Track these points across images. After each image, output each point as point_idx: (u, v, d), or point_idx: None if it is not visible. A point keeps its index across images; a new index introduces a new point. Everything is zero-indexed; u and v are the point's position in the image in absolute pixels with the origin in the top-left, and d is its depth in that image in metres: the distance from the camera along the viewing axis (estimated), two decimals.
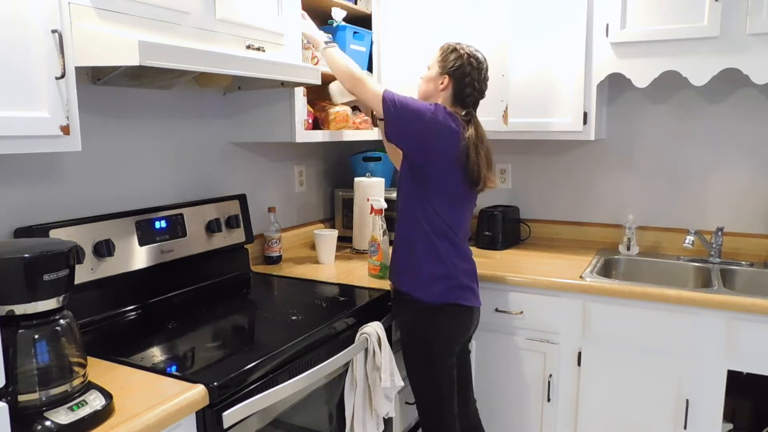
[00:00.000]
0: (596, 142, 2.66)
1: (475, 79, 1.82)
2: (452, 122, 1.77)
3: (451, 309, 1.83)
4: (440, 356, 1.84)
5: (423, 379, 1.87)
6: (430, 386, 1.86)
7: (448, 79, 1.83)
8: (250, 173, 2.43)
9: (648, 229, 2.63)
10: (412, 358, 1.88)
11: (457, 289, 1.83)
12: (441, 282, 1.82)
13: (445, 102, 1.85)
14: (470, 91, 1.83)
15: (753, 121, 2.42)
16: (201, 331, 1.64)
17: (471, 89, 1.83)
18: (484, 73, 1.85)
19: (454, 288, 1.83)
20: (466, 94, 1.83)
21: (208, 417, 1.27)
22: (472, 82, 1.82)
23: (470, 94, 1.83)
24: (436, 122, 1.75)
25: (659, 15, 2.18)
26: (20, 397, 1.07)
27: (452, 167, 1.78)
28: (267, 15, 1.93)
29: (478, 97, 1.86)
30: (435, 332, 1.83)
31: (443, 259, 1.82)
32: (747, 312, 1.89)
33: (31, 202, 1.62)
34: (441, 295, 1.82)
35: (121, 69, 1.56)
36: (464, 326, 1.89)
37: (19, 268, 1.06)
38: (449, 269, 1.82)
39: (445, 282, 1.82)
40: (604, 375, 2.13)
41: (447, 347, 1.85)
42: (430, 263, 1.82)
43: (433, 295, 1.81)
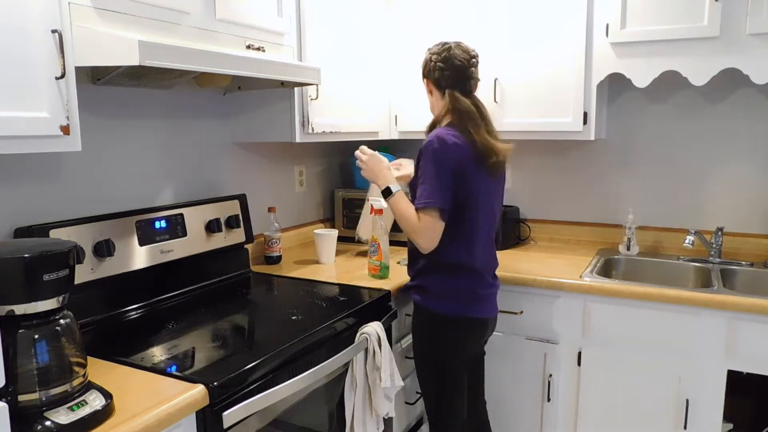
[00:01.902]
0: (596, 142, 2.66)
1: (438, 62, 1.81)
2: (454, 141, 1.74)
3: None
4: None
5: (431, 385, 1.91)
6: (438, 391, 1.90)
7: (427, 81, 1.88)
8: (250, 173, 2.43)
9: (648, 229, 2.63)
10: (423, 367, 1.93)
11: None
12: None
13: (438, 100, 1.86)
14: (447, 74, 1.80)
15: (753, 121, 2.42)
16: (201, 331, 1.64)
17: (446, 72, 1.80)
18: (447, 53, 1.81)
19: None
20: (445, 78, 1.81)
21: (208, 417, 1.27)
22: (439, 67, 1.81)
23: (448, 76, 1.81)
24: (453, 160, 1.72)
25: (659, 15, 2.18)
26: (20, 397, 1.07)
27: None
28: (267, 15, 1.93)
29: (457, 74, 1.81)
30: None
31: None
32: (747, 312, 1.89)
33: (31, 202, 1.62)
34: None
35: (121, 69, 1.56)
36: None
37: (19, 268, 1.06)
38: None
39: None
40: (604, 375, 2.13)
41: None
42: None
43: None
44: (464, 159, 1.73)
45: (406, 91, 2.70)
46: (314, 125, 2.19)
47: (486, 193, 1.82)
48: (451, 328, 1.83)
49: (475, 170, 1.75)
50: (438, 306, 1.82)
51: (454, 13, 2.53)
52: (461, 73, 1.81)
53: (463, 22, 2.52)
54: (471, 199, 1.76)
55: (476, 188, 1.77)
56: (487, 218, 1.85)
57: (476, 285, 1.83)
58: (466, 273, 1.81)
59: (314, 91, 2.17)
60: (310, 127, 2.17)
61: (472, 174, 1.75)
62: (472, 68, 1.82)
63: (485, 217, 1.83)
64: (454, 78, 1.81)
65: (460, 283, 1.81)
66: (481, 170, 1.77)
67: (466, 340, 1.87)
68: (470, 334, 1.86)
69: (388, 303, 1.99)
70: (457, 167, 1.72)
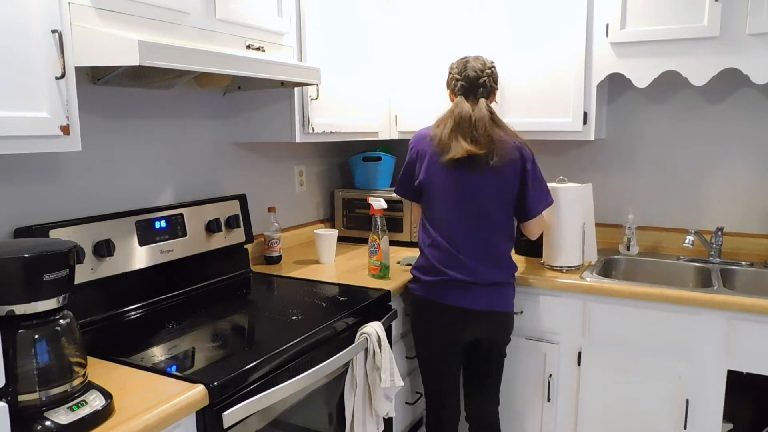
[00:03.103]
0: (596, 142, 2.66)
1: (455, 74, 1.98)
2: (415, 148, 2.03)
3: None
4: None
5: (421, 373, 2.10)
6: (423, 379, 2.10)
7: (449, 93, 2.03)
8: (250, 173, 2.43)
9: (648, 229, 2.63)
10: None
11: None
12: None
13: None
14: (459, 84, 1.97)
15: (753, 121, 2.42)
16: (201, 331, 1.64)
17: (455, 82, 1.98)
18: (464, 64, 1.98)
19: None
20: (453, 86, 2.00)
21: (208, 417, 1.27)
22: (455, 78, 1.98)
23: (457, 85, 1.98)
24: (409, 162, 2.05)
25: (659, 15, 2.18)
26: (20, 397, 1.07)
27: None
28: (267, 15, 1.93)
29: (468, 84, 1.96)
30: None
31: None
32: (747, 312, 1.89)
33: (31, 202, 1.62)
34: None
35: (121, 69, 1.56)
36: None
37: (19, 268, 1.06)
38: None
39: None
40: (604, 375, 2.13)
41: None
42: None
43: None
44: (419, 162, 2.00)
45: (406, 91, 2.70)
46: (314, 125, 2.19)
47: (443, 183, 1.93)
48: (417, 310, 2.02)
49: (432, 161, 1.95)
50: (412, 287, 2.02)
51: (455, 13, 2.53)
52: (473, 82, 1.95)
53: (463, 22, 2.52)
54: (426, 187, 1.98)
55: (430, 177, 1.96)
56: (451, 208, 1.93)
57: (443, 271, 1.92)
58: (432, 256, 1.94)
59: (314, 91, 2.17)
60: (310, 127, 2.17)
61: (429, 164, 1.96)
62: (485, 78, 1.95)
63: (447, 206, 1.94)
64: (466, 88, 1.96)
65: (429, 268, 1.95)
66: (439, 162, 1.93)
67: (429, 325, 1.97)
68: (433, 320, 1.96)
69: (388, 303, 1.99)
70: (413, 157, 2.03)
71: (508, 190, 1.93)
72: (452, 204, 1.93)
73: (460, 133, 1.89)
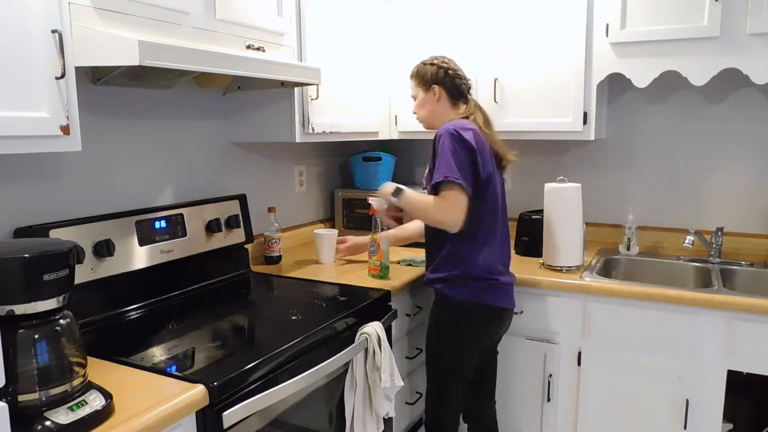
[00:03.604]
0: (596, 142, 2.66)
1: (456, 70, 1.95)
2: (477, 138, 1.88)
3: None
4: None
5: (437, 375, 1.99)
6: (442, 381, 1.99)
7: (438, 87, 1.94)
8: (250, 173, 2.43)
9: (648, 229, 2.63)
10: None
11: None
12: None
13: (445, 107, 1.96)
14: (459, 82, 1.95)
15: (753, 121, 2.42)
16: (201, 331, 1.64)
17: (459, 80, 1.95)
18: (453, 64, 1.97)
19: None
20: (458, 86, 1.95)
21: (208, 417, 1.27)
22: (456, 75, 1.94)
23: (460, 84, 1.95)
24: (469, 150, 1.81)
25: (659, 15, 2.18)
26: (20, 397, 1.07)
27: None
28: (267, 15, 1.93)
29: (468, 83, 1.98)
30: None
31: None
32: (747, 312, 1.89)
33: (31, 202, 1.62)
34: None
35: (121, 69, 1.56)
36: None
37: (19, 268, 1.06)
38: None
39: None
40: (604, 375, 2.13)
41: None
42: None
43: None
44: (483, 148, 1.86)
45: (407, 91, 2.69)
46: (314, 125, 2.19)
47: (497, 185, 1.93)
48: (468, 315, 1.89)
49: (489, 161, 1.87)
50: (456, 293, 1.88)
51: (454, 13, 2.53)
52: (468, 81, 1.98)
53: (463, 23, 2.52)
54: (483, 187, 1.85)
55: (488, 178, 1.87)
56: (499, 210, 1.94)
57: (492, 274, 1.89)
58: (480, 261, 1.88)
59: (314, 91, 2.17)
60: (310, 127, 2.17)
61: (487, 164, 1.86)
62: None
63: (498, 208, 1.93)
64: (468, 85, 1.97)
65: (476, 270, 1.87)
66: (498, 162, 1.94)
67: (480, 329, 1.92)
68: (485, 324, 1.93)
69: (388, 303, 1.99)
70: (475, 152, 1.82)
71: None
72: (500, 206, 1.96)
73: (490, 134, 1.93)
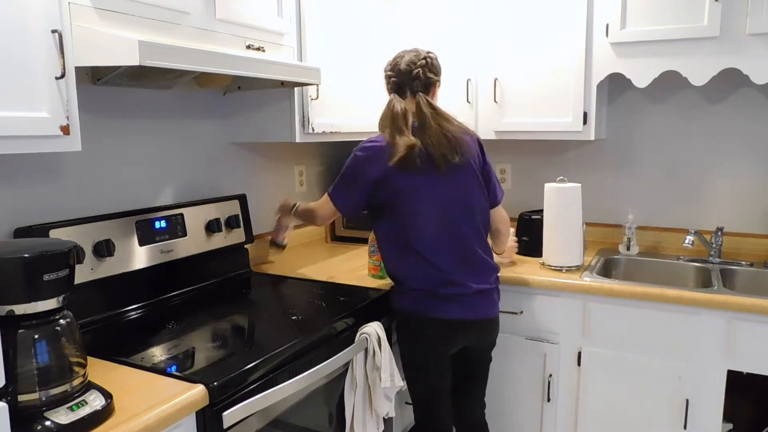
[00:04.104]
0: (596, 142, 2.66)
1: (387, 71, 1.88)
2: (370, 151, 1.87)
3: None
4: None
5: (410, 385, 1.91)
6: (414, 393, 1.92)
7: (389, 94, 1.89)
8: (250, 173, 2.43)
9: (648, 229, 2.63)
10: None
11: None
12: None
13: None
14: (394, 80, 1.86)
15: (753, 121, 2.42)
16: (201, 331, 1.64)
17: (392, 78, 1.86)
18: (396, 59, 1.87)
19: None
20: (391, 84, 1.87)
21: (208, 417, 1.27)
22: (387, 76, 1.88)
23: (393, 82, 1.86)
24: (357, 166, 1.91)
25: (659, 15, 2.18)
26: (20, 397, 1.07)
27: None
28: (267, 15, 1.93)
29: (399, 78, 1.84)
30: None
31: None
32: (747, 312, 1.89)
33: (31, 202, 1.62)
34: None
35: (121, 69, 1.56)
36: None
37: (19, 268, 1.06)
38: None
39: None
40: (604, 375, 2.13)
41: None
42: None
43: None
44: (381, 162, 1.79)
45: None
46: (314, 125, 2.19)
47: (419, 189, 1.78)
48: (408, 326, 1.84)
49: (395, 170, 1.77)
50: (398, 302, 1.85)
51: (454, 14, 2.53)
52: (405, 76, 1.83)
53: (463, 23, 2.52)
54: (398, 198, 1.78)
55: (402, 187, 1.78)
56: (437, 215, 1.79)
57: (436, 284, 1.77)
58: (423, 270, 1.78)
59: (314, 91, 2.17)
60: (310, 127, 2.17)
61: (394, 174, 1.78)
62: (418, 69, 1.82)
63: (430, 214, 1.78)
64: (398, 83, 1.85)
65: (416, 281, 1.79)
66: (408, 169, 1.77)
67: (422, 340, 1.82)
68: (426, 335, 1.81)
69: (388, 303, 1.99)
70: (372, 174, 1.83)
71: (479, 184, 1.86)
72: (435, 216, 1.80)
73: (397, 130, 1.77)
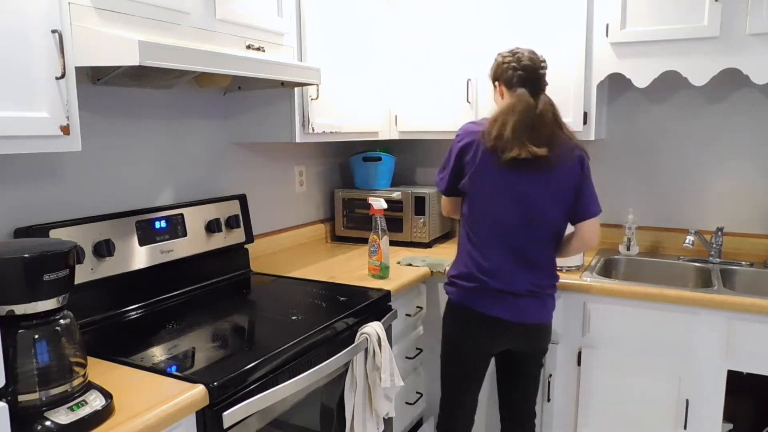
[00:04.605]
0: (596, 142, 2.66)
1: (510, 62, 1.83)
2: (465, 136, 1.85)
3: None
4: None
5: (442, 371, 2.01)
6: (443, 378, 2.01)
7: (498, 83, 1.88)
8: (250, 173, 2.43)
9: (648, 229, 2.63)
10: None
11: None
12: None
13: (501, 103, 1.87)
14: (512, 74, 1.82)
15: (753, 121, 2.42)
16: (201, 331, 1.64)
17: (512, 71, 1.82)
18: (518, 53, 1.84)
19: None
20: (509, 77, 1.83)
21: (208, 417, 1.27)
22: (509, 67, 1.83)
23: (512, 75, 1.82)
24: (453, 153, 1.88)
25: (659, 15, 2.18)
26: (20, 397, 1.07)
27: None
28: (267, 15, 1.93)
29: (526, 74, 1.81)
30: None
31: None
32: (747, 312, 1.89)
33: (31, 202, 1.62)
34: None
35: (122, 69, 1.56)
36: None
37: (19, 268, 1.06)
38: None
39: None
40: (604, 375, 2.13)
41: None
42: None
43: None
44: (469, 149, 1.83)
45: (406, 91, 2.70)
46: (314, 125, 2.19)
47: (494, 183, 1.80)
48: (453, 316, 1.92)
49: (484, 159, 1.80)
50: (449, 291, 1.93)
51: (454, 13, 2.53)
52: (527, 71, 1.81)
53: (463, 23, 2.52)
54: (473, 190, 1.84)
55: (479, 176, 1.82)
56: (499, 217, 1.81)
57: (486, 280, 1.81)
58: (475, 265, 1.85)
59: (314, 91, 2.17)
60: (310, 127, 2.17)
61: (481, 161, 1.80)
62: (543, 70, 1.84)
63: (494, 214, 1.81)
64: (524, 76, 1.81)
65: (470, 275, 1.85)
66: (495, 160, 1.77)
67: (463, 332, 1.89)
68: (468, 328, 1.87)
69: (388, 303, 1.99)
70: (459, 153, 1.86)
71: (563, 193, 1.81)
72: (502, 205, 1.81)
73: (524, 130, 1.73)
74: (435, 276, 2.32)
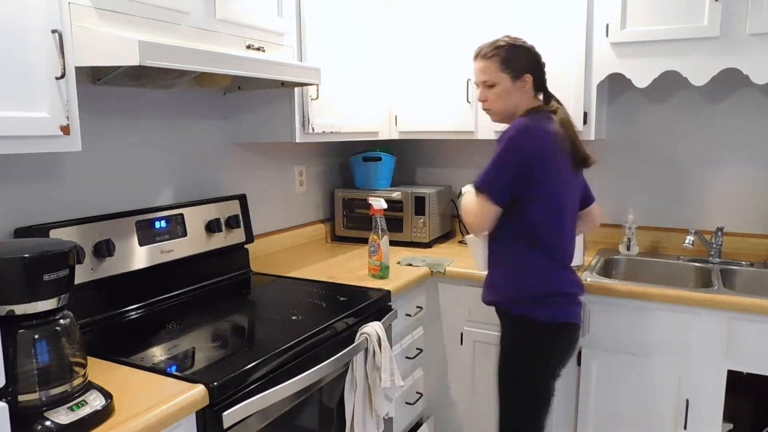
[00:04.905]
0: (596, 142, 2.66)
1: (540, 59, 1.80)
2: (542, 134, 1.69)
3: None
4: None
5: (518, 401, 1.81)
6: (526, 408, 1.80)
7: (530, 76, 1.75)
8: (250, 173, 2.43)
9: (648, 229, 2.63)
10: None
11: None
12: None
13: (525, 100, 1.77)
14: (543, 74, 1.81)
15: (753, 121, 2.42)
16: (201, 331, 1.64)
17: (544, 72, 1.81)
18: (535, 52, 1.80)
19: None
20: (542, 78, 1.81)
21: (208, 417, 1.27)
22: (543, 65, 1.80)
23: (543, 76, 1.81)
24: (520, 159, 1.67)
25: (659, 15, 2.18)
26: (20, 397, 1.07)
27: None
28: (267, 15, 1.93)
29: (543, 74, 1.82)
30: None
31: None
32: (747, 312, 1.89)
33: (31, 202, 1.62)
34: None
35: (122, 69, 1.56)
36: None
37: (19, 268, 1.06)
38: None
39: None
40: (604, 375, 2.13)
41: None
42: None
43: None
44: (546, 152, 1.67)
45: (406, 91, 2.70)
46: (314, 125, 2.19)
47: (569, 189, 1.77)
48: (550, 338, 1.75)
49: (560, 164, 1.71)
50: (539, 313, 1.72)
51: (454, 14, 2.54)
52: (543, 73, 1.82)
53: (463, 23, 2.52)
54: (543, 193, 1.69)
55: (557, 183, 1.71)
56: (569, 223, 1.79)
57: (574, 291, 1.78)
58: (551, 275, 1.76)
59: (314, 91, 2.17)
60: (310, 127, 2.17)
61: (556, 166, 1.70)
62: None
63: (568, 220, 1.77)
64: (542, 79, 1.81)
65: (551, 286, 1.74)
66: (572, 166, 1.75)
67: (559, 353, 1.78)
68: (565, 346, 1.79)
69: (388, 303, 1.99)
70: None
71: (581, 188, 1.88)
72: (568, 212, 1.77)
73: (572, 134, 1.73)
74: (435, 276, 2.32)
